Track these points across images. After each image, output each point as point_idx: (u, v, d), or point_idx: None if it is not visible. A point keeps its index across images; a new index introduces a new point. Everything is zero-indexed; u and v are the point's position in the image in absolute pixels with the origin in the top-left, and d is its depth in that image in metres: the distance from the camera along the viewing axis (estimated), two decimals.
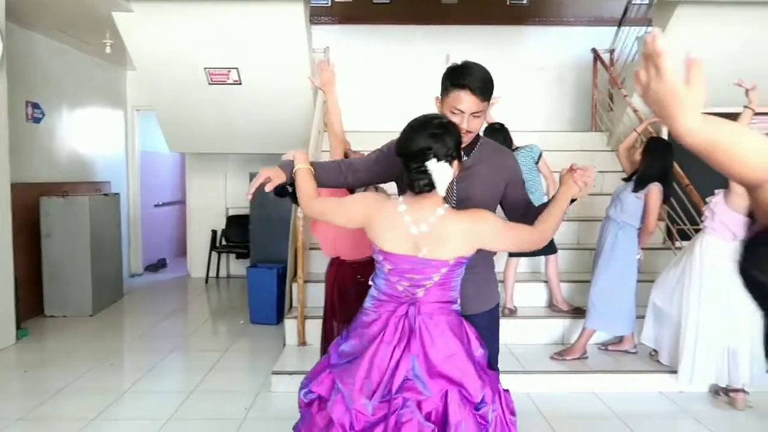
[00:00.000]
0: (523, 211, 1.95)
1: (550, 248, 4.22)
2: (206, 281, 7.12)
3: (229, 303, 6.20)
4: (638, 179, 3.74)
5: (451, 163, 1.69)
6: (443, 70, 1.97)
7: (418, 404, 1.70)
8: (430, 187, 1.66)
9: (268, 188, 1.85)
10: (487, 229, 1.74)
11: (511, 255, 4.25)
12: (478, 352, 1.82)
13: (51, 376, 3.88)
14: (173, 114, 5.65)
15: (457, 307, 1.83)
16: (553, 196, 1.83)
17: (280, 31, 4.91)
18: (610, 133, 6.09)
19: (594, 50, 6.22)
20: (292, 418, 3.16)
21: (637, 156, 3.86)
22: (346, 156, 3.59)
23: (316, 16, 6.85)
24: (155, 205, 8.15)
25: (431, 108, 2.27)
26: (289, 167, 1.89)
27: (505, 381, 3.88)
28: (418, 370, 1.71)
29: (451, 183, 2.03)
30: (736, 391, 3.35)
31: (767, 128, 5.27)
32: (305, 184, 1.88)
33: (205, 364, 4.12)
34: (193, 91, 5.35)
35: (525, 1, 7.02)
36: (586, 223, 5.10)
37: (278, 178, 1.86)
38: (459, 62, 1.96)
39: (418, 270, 1.74)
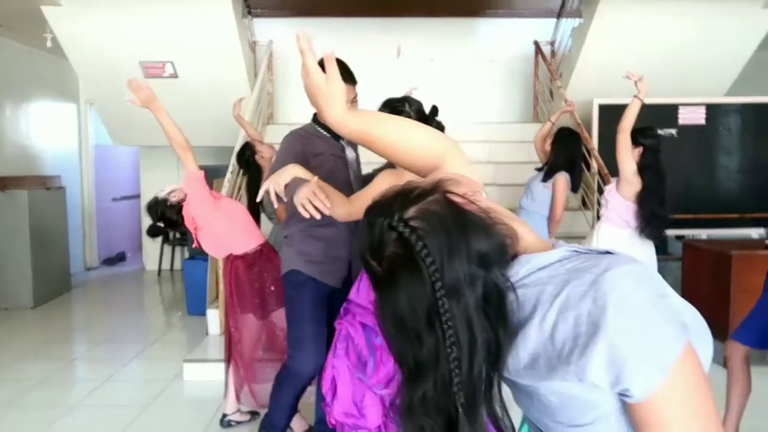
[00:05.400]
0: None
1: None
2: (159, 274, 7.17)
3: (174, 295, 6.25)
4: (547, 169, 3.81)
5: None
6: (395, 63, 2.27)
7: None
8: None
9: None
10: None
11: None
12: None
13: None
14: (113, 107, 5.67)
15: None
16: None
17: (210, 24, 4.94)
18: None
19: (535, 42, 6.28)
20: (196, 406, 3.24)
21: (548, 146, 3.94)
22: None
23: (265, 8, 6.87)
24: (113, 199, 8.17)
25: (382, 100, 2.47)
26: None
27: None
28: None
29: (356, 167, 2.21)
30: None
31: (699, 119, 5.38)
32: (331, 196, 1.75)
33: (128, 354, 4.19)
34: None
35: None
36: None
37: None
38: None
39: None
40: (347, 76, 2.09)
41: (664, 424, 0.66)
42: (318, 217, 1.61)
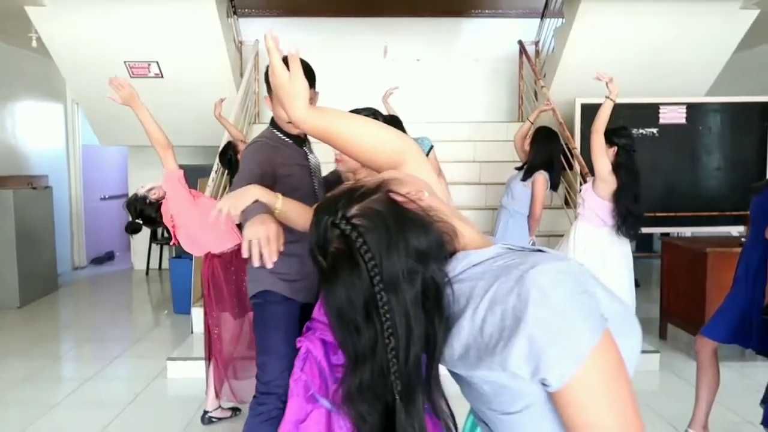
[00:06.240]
0: None
1: None
2: (147, 273, 7.18)
3: (161, 294, 6.26)
4: (526, 168, 3.86)
5: None
6: (382, 63, 2.17)
7: None
8: None
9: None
10: None
11: None
12: None
13: None
14: (99, 108, 5.67)
15: None
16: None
17: (195, 24, 4.96)
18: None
19: (520, 42, 6.33)
20: (178, 404, 3.25)
21: (527, 145, 3.98)
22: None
23: (251, 8, 6.89)
24: (102, 199, 8.17)
25: (369, 100, 2.36)
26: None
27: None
28: None
29: (318, 174, 2.20)
30: None
31: (680, 118, 5.46)
32: (293, 212, 1.66)
33: (113, 352, 4.21)
34: None
35: None
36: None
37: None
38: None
39: None
40: (307, 78, 2.08)
41: (580, 408, 0.70)
42: (257, 265, 1.47)
